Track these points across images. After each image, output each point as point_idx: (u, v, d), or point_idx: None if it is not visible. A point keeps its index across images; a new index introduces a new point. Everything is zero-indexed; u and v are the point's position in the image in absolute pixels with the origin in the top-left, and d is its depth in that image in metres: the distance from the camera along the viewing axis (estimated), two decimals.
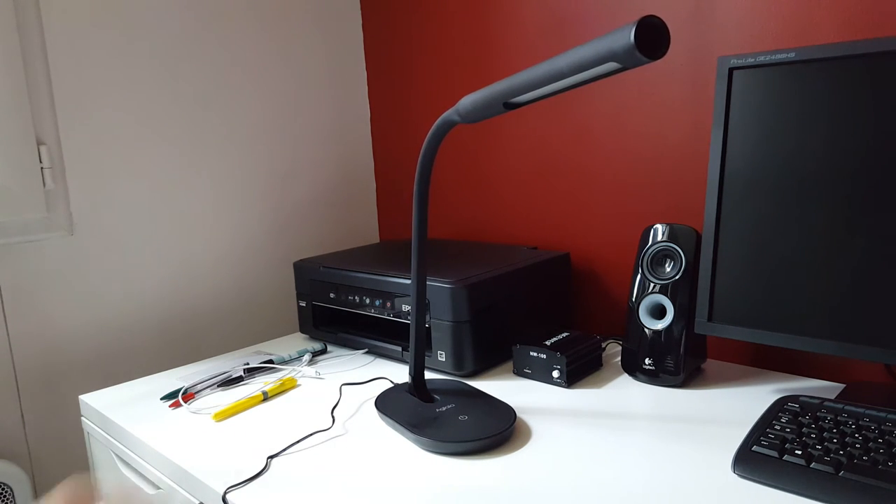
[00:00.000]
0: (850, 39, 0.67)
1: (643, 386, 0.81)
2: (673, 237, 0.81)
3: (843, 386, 0.75)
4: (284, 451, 0.68)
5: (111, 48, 1.02)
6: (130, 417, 0.79)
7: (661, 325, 0.80)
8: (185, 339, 1.15)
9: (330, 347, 1.03)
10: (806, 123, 0.69)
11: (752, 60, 0.72)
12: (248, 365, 0.92)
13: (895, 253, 0.64)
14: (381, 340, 0.97)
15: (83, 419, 0.88)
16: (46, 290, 0.99)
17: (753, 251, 0.73)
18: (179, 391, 0.84)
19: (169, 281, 1.12)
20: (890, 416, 0.61)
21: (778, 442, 0.59)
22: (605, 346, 0.94)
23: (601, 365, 0.88)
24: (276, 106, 1.24)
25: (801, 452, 0.57)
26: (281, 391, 0.85)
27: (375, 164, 1.41)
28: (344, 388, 0.85)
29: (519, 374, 0.86)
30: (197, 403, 0.82)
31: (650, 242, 0.82)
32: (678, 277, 0.79)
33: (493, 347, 0.89)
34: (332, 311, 1.04)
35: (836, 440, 0.58)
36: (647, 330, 0.81)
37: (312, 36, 1.28)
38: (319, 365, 0.96)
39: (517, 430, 0.70)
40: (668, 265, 0.81)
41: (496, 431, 0.67)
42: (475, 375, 0.87)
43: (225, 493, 0.61)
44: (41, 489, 1.03)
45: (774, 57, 0.70)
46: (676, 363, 0.79)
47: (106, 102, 1.02)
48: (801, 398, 0.67)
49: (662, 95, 0.94)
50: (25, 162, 0.94)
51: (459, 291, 0.84)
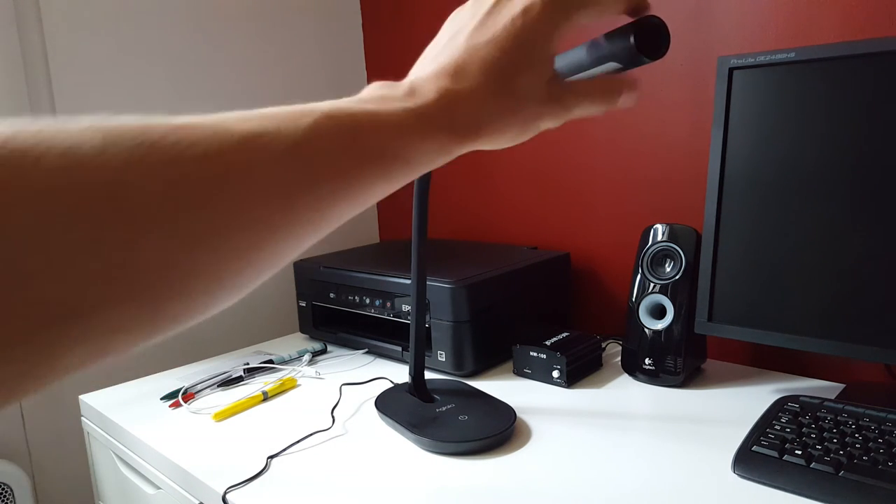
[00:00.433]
0: (850, 39, 0.67)
1: (643, 386, 0.81)
2: (673, 237, 0.81)
3: (843, 386, 0.75)
4: (284, 451, 0.68)
5: (111, 48, 1.02)
6: (130, 417, 0.79)
7: (661, 325, 0.80)
8: (184, 339, 1.15)
9: (330, 347, 1.03)
10: (806, 123, 0.69)
11: (752, 60, 0.71)
12: (248, 365, 0.92)
13: (895, 253, 0.64)
14: (380, 340, 0.97)
15: (83, 419, 0.88)
16: None
17: (753, 251, 0.73)
18: (179, 391, 0.84)
19: None
20: (890, 416, 0.61)
21: (778, 442, 0.59)
22: (605, 346, 0.94)
23: (601, 365, 0.88)
24: (276, 106, 1.24)
25: (801, 452, 0.57)
26: (281, 391, 0.85)
27: None
28: (344, 388, 0.85)
29: (519, 374, 0.86)
30: (197, 403, 0.82)
31: (650, 242, 0.82)
32: (678, 277, 0.79)
33: (493, 347, 0.89)
34: (332, 311, 1.04)
35: (836, 440, 0.58)
36: (647, 330, 0.81)
37: (312, 36, 1.28)
38: (319, 365, 0.96)
39: (517, 430, 0.70)
40: (668, 265, 0.81)
41: (496, 431, 0.67)
42: (475, 375, 0.87)
43: (225, 493, 0.61)
44: (41, 489, 1.04)
45: (774, 57, 0.70)
46: (676, 363, 0.79)
47: (106, 102, 1.02)
48: (801, 398, 0.67)
49: (662, 95, 0.94)
50: None
51: (459, 291, 0.84)
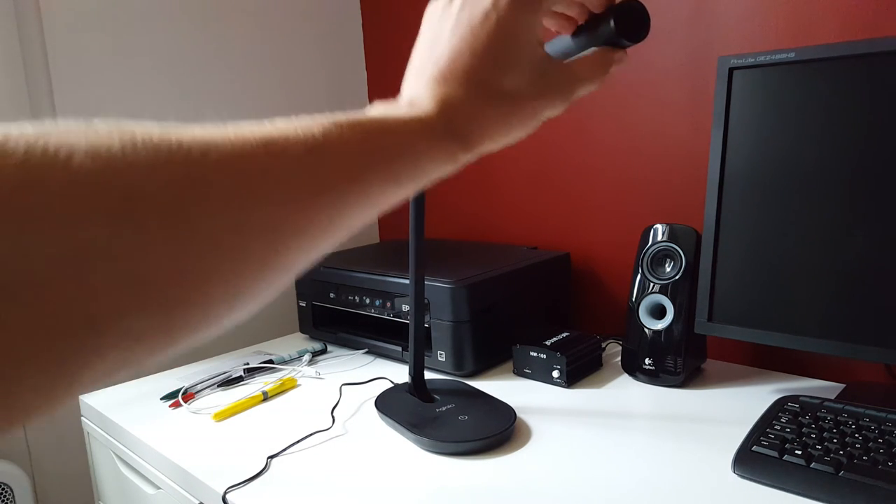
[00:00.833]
0: (850, 39, 0.67)
1: (643, 386, 0.81)
2: (673, 237, 0.81)
3: (843, 386, 0.75)
4: (284, 451, 0.68)
5: (111, 48, 1.02)
6: (130, 417, 0.79)
7: (661, 325, 0.80)
8: None
9: (330, 347, 1.03)
10: (806, 124, 0.68)
11: (752, 60, 0.71)
12: (248, 365, 0.92)
13: (895, 252, 0.64)
14: (380, 340, 0.97)
15: (83, 419, 0.88)
16: None
17: (753, 251, 0.73)
18: (179, 391, 0.84)
19: None
20: (890, 416, 0.61)
21: (778, 442, 0.59)
22: (605, 346, 0.94)
23: (601, 365, 0.88)
24: (276, 106, 1.24)
25: (801, 452, 0.57)
26: (281, 391, 0.85)
27: None
28: (344, 388, 0.85)
29: (519, 374, 0.86)
30: (197, 403, 0.82)
31: (650, 242, 0.82)
32: (678, 277, 0.79)
33: (493, 347, 0.89)
34: (331, 310, 1.04)
35: (836, 440, 0.58)
36: (647, 330, 0.81)
37: (312, 37, 1.28)
38: (319, 365, 0.95)
39: (517, 430, 0.70)
40: (668, 265, 0.81)
41: (496, 431, 0.67)
42: (475, 375, 0.87)
43: (225, 493, 0.61)
44: (41, 489, 1.04)
45: (774, 57, 0.70)
46: (676, 363, 0.79)
47: (106, 103, 1.02)
48: (801, 398, 0.67)
49: (662, 95, 0.94)
50: None
51: (459, 291, 0.84)
